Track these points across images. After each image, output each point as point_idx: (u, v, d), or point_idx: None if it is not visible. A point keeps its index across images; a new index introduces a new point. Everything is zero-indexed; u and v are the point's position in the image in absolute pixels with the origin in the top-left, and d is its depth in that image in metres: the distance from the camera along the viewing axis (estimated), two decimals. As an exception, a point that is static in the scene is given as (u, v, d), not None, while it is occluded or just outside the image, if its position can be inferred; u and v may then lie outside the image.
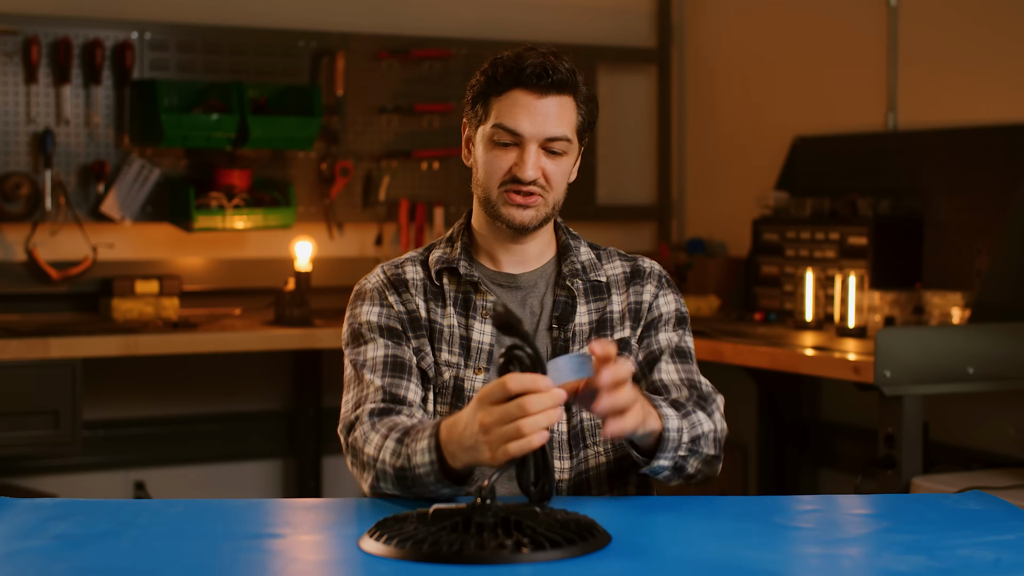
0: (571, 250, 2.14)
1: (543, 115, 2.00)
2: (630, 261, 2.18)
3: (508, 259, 2.11)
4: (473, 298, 2.08)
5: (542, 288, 2.12)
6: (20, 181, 4.05)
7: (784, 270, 4.21)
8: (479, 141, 2.07)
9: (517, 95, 2.01)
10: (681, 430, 1.90)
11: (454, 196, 4.66)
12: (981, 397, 3.69)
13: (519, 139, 2.01)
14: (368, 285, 2.12)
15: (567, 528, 1.60)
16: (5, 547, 1.61)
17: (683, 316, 2.16)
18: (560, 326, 2.08)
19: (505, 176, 2.03)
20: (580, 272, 2.12)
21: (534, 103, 2.00)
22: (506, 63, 2.03)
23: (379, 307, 2.08)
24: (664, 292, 2.15)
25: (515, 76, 2.01)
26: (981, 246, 3.72)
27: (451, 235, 2.16)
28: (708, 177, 5.01)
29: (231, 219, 4.16)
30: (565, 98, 2.02)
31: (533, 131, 2.00)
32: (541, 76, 1.99)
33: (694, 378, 2.09)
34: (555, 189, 2.05)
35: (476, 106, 2.07)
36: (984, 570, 1.55)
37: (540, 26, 4.81)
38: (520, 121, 2.00)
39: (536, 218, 2.05)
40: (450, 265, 2.09)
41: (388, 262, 2.15)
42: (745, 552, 1.64)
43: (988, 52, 3.88)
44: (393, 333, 2.06)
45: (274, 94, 4.29)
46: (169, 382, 4.44)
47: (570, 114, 2.03)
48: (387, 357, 2.04)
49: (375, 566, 1.53)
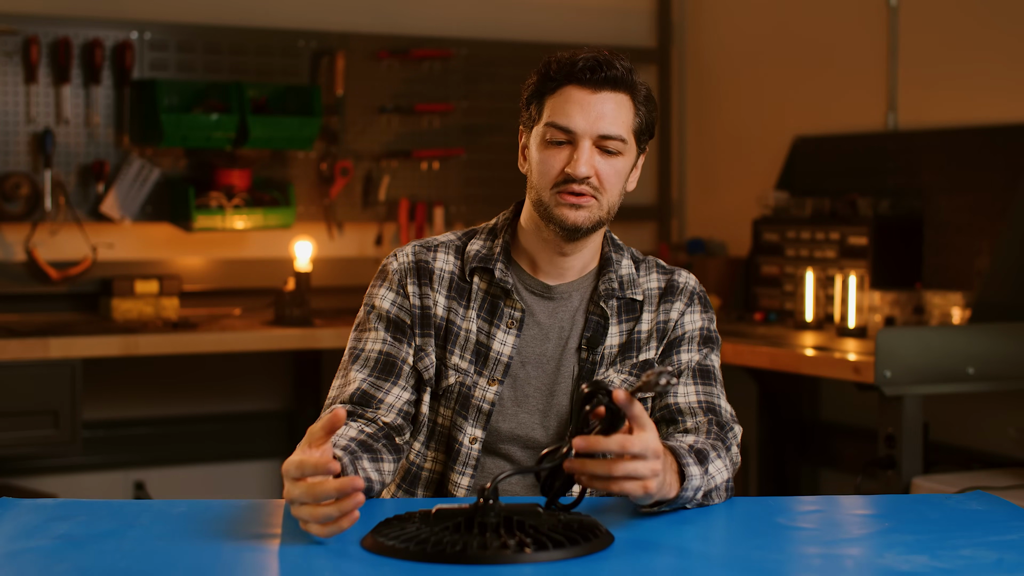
0: (612, 264, 2.07)
1: (597, 111, 1.94)
2: (667, 275, 2.11)
3: (549, 269, 2.06)
4: (502, 305, 2.04)
5: (576, 302, 2.06)
6: (20, 181, 4.05)
7: (784, 270, 4.21)
8: (533, 143, 2.01)
9: (570, 91, 1.95)
10: (698, 489, 1.79)
11: (454, 196, 4.66)
12: (981, 397, 3.69)
13: (572, 136, 1.95)
14: (394, 265, 2.07)
15: (570, 528, 1.60)
16: (7, 547, 1.61)
17: (710, 335, 2.08)
18: (590, 349, 2.04)
19: (558, 177, 1.96)
20: (617, 290, 2.06)
21: (587, 98, 1.95)
22: (559, 59, 1.98)
23: (394, 294, 2.05)
24: (692, 310, 2.08)
25: (568, 71, 1.95)
26: (981, 246, 3.72)
27: (495, 226, 2.10)
28: (708, 177, 5.01)
29: (231, 219, 4.16)
30: (621, 96, 1.97)
31: (586, 127, 1.94)
32: (595, 70, 1.94)
33: (714, 402, 2.02)
34: (609, 192, 1.98)
35: (530, 107, 2.01)
36: (986, 570, 1.55)
37: (540, 26, 4.81)
38: (573, 117, 1.94)
39: (589, 219, 1.97)
40: (486, 265, 2.05)
41: (422, 241, 2.09)
42: (747, 552, 1.64)
43: (988, 52, 3.88)
44: (398, 327, 2.03)
45: (274, 94, 4.29)
46: (169, 382, 4.44)
47: (626, 113, 1.97)
48: (380, 354, 2.01)
49: (377, 566, 1.53)
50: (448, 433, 2.04)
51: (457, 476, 2.02)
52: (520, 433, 2.04)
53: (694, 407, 2.00)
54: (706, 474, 1.82)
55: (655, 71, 5.03)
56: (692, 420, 1.98)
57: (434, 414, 2.06)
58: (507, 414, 2.04)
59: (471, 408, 2.02)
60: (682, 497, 1.76)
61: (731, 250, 4.78)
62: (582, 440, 1.62)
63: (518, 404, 2.04)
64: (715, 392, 2.04)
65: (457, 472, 2.02)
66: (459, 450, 2.02)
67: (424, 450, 2.06)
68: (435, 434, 2.06)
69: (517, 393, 2.04)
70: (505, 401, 2.04)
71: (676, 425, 1.98)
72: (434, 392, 2.05)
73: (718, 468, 1.86)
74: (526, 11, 4.82)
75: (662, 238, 5.01)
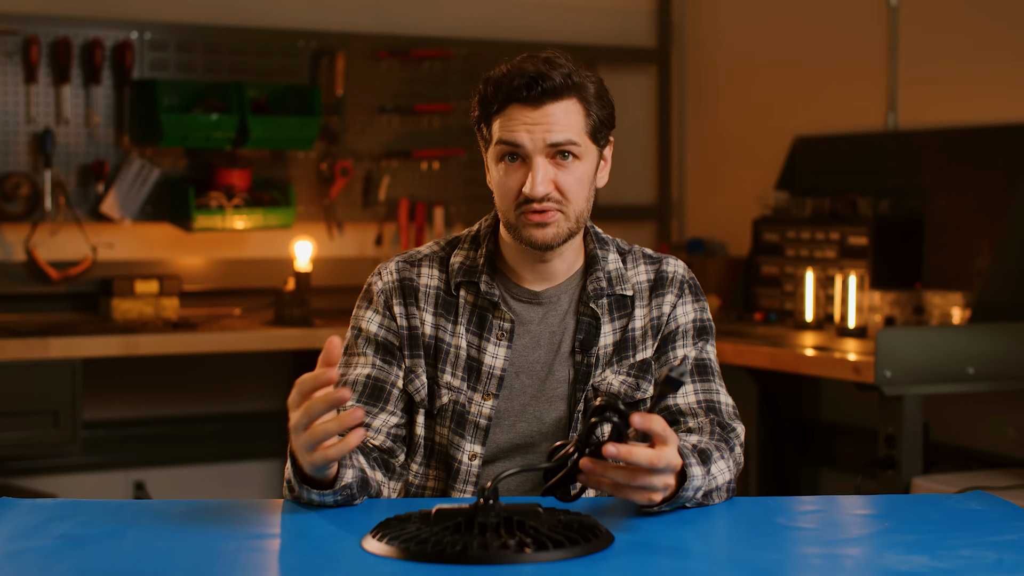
0: (598, 261, 2.05)
1: (542, 124, 1.91)
2: (654, 264, 2.08)
3: (533, 276, 2.03)
4: (490, 317, 2.02)
5: (565, 305, 2.04)
6: (20, 181, 4.05)
7: (784, 270, 4.21)
8: (491, 162, 1.99)
9: (512, 110, 1.92)
10: (699, 489, 1.78)
11: (454, 196, 4.66)
12: (981, 397, 3.69)
13: (523, 152, 1.92)
14: (378, 286, 2.04)
15: (570, 528, 1.60)
16: (7, 547, 1.61)
17: (704, 326, 2.06)
18: (583, 351, 2.02)
19: (519, 197, 1.94)
20: (605, 288, 2.03)
21: (530, 115, 1.91)
22: (495, 80, 1.94)
23: (381, 316, 2.02)
24: (683, 301, 2.06)
25: (506, 92, 1.92)
26: (981, 246, 3.72)
27: (477, 234, 2.08)
28: (708, 177, 5.01)
29: (231, 219, 4.16)
30: (566, 102, 1.93)
31: (533, 142, 1.91)
32: (531, 86, 1.90)
33: (714, 399, 2.00)
34: (574, 200, 1.95)
35: (480, 128, 2.00)
36: (986, 570, 1.55)
37: (540, 26, 4.81)
38: (519, 134, 1.92)
39: (558, 235, 1.95)
40: (471, 279, 2.03)
41: (405, 256, 2.07)
42: (747, 552, 1.64)
43: (988, 52, 3.88)
44: (387, 350, 2.01)
45: (274, 94, 4.29)
46: (169, 382, 4.44)
47: (575, 117, 1.93)
48: (368, 379, 1.99)
49: (377, 566, 1.53)
50: (446, 451, 2.02)
51: (459, 493, 2.00)
52: (519, 443, 2.03)
53: (694, 407, 1.99)
54: (708, 474, 1.81)
55: (655, 71, 5.03)
56: (694, 421, 1.97)
57: (431, 432, 2.03)
58: (505, 426, 2.03)
59: (468, 425, 2.00)
60: (682, 496, 1.76)
61: (731, 250, 4.78)
62: (614, 448, 1.62)
63: (515, 415, 2.03)
64: (714, 388, 2.02)
65: (458, 490, 2.01)
66: (459, 468, 2.01)
67: (424, 469, 2.04)
68: (434, 453, 2.04)
69: (513, 404, 2.02)
70: (502, 413, 2.02)
71: (678, 426, 1.97)
72: (428, 412, 2.03)
73: (720, 469, 1.85)
74: (526, 11, 4.82)
75: (662, 238, 5.01)
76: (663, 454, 1.66)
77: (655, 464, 1.65)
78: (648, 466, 1.65)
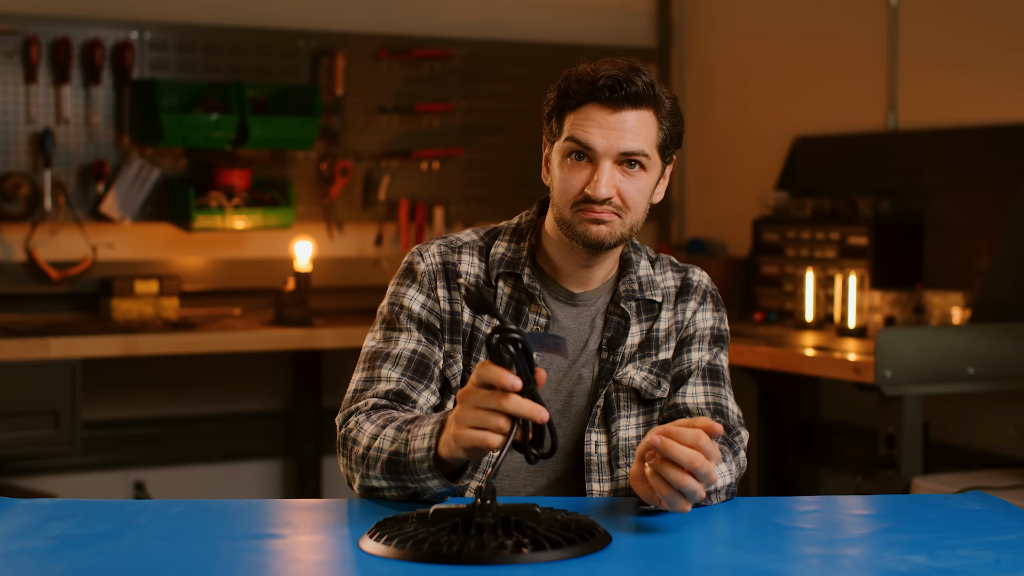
0: (631, 265, 2.06)
1: (618, 130, 1.91)
2: (680, 272, 2.11)
3: (573, 278, 2.04)
4: (526, 310, 2.03)
5: (600, 306, 2.06)
6: (20, 181, 4.05)
7: (784, 270, 4.21)
8: (554, 157, 1.99)
9: (590, 109, 1.92)
10: None
11: (454, 196, 4.66)
12: (981, 397, 3.69)
13: (592, 154, 1.93)
14: (422, 266, 2.03)
15: (568, 528, 1.60)
16: (5, 547, 1.61)
17: (720, 334, 2.09)
18: (611, 349, 2.04)
19: (579, 196, 1.94)
20: (636, 291, 2.05)
21: (608, 117, 1.91)
22: (579, 76, 1.94)
23: (425, 296, 2.01)
24: (704, 308, 2.09)
25: (587, 90, 1.92)
26: (981, 246, 3.72)
27: (519, 227, 2.08)
28: (708, 177, 5.01)
29: (231, 219, 4.16)
30: (643, 112, 1.93)
31: (606, 146, 1.92)
32: (615, 88, 1.90)
33: (722, 403, 2.03)
34: (633, 210, 1.96)
35: (551, 121, 1.99)
36: (985, 570, 1.55)
37: (540, 26, 4.81)
38: (592, 135, 1.92)
39: (611, 235, 1.95)
40: (513, 270, 2.03)
41: (446, 241, 2.06)
42: (746, 552, 1.64)
43: (988, 52, 3.88)
44: (430, 330, 2.00)
45: (274, 94, 4.29)
46: (169, 382, 4.44)
47: (649, 128, 1.94)
48: (414, 354, 1.98)
49: (375, 566, 1.53)
50: None
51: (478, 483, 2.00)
52: None
53: (702, 408, 2.01)
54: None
55: (655, 71, 5.03)
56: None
57: None
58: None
59: None
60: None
61: (731, 250, 4.78)
62: (660, 437, 1.64)
63: None
64: (723, 393, 2.04)
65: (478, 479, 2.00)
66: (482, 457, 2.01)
67: None
68: None
69: None
70: None
71: None
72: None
73: (722, 472, 1.86)
74: (526, 11, 4.82)
75: (662, 238, 5.01)
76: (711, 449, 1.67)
77: (701, 446, 1.65)
78: (694, 445, 1.65)
